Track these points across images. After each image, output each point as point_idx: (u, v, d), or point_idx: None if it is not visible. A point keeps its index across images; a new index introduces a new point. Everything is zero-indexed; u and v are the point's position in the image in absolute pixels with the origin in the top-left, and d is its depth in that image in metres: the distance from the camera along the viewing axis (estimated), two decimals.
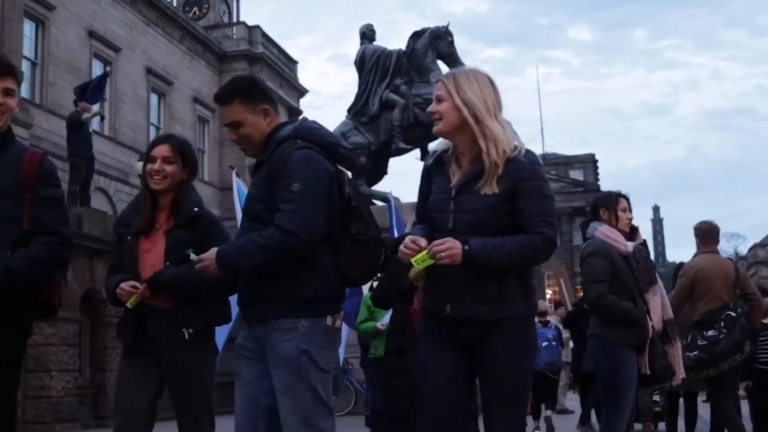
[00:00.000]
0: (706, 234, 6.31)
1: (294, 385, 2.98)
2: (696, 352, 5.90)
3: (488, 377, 2.88)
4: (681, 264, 7.49)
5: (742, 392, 8.41)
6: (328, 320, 3.06)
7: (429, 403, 2.88)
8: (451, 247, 2.69)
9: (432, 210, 2.94)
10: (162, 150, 3.55)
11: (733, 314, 5.79)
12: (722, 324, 5.75)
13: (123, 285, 3.41)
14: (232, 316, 3.71)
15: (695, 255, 6.64)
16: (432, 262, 2.72)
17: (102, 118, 19.89)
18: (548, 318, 11.15)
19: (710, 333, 5.90)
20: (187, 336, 3.39)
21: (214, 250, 3.07)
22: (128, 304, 3.39)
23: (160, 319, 3.42)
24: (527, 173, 2.79)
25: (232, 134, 3.17)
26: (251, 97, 3.13)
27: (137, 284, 3.40)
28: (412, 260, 2.75)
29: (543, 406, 10.14)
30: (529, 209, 2.77)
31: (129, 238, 3.54)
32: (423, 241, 2.78)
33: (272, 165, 3.04)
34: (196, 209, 3.53)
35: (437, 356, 2.89)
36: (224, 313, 3.60)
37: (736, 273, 6.17)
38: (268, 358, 3.04)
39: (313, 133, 3.13)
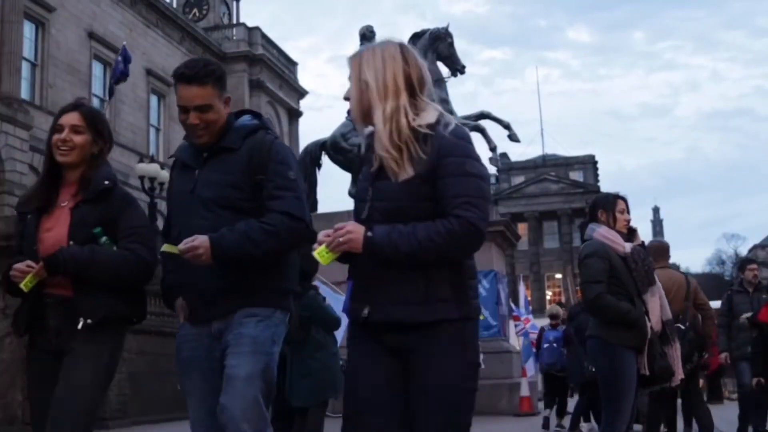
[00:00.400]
0: (657, 251, 6.70)
1: (257, 376, 2.82)
2: None
3: (415, 391, 2.39)
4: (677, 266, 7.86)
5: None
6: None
7: (365, 413, 2.42)
8: (350, 230, 2.33)
9: (355, 199, 2.56)
10: (71, 118, 3.10)
11: (682, 327, 6.06)
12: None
13: (17, 265, 2.97)
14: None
15: None
16: (334, 255, 2.36)
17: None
18: (558, 321, 11.03)
19: None
20: (80, 326, 2.94)
21: (205, 237, 2.80)
22: (22, 286, 2.94)
23: (60, 310, 3.00)
24: (447, 149, 2.36)
25: (194, 117, 2.93)
26: (222, 84, 3.03)
27: (33, 264, 2.96)
28: (315, 254, 2.37)
29: (555, 414, 10.12)
30: (448, 189, 2.34)
31: (29, 216, 3.12)
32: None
33: (251, 152, 2.94)
34: (106, 182, 3.10)
35: (369, 361, 2.45)
36: (135, 306, 3.12)
37: (687, 285, 6.64)
38: (229, 346, 2.85)
39: (273, 128, 3.14)
